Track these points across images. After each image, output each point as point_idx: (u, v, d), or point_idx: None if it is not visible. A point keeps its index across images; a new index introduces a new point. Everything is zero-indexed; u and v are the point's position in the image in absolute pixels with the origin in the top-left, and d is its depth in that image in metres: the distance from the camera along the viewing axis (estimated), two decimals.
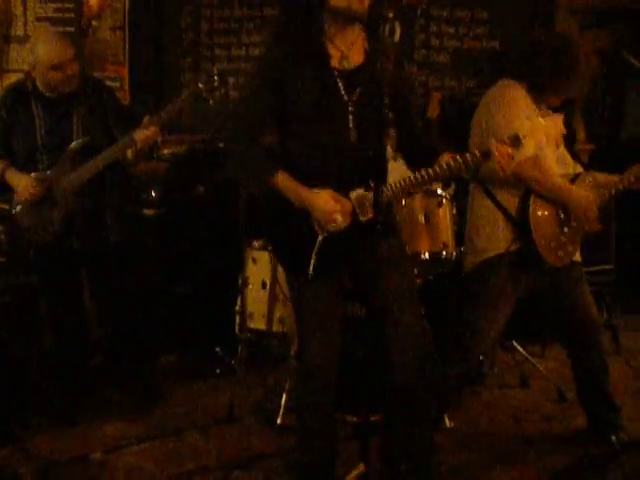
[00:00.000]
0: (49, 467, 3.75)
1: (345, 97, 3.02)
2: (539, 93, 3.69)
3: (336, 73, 3.02)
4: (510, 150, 2.91)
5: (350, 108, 3.02)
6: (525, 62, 3.70)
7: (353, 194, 3.01)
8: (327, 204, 2.97)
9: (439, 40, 6.13)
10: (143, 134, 4.03)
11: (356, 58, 3.06)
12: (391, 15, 2.84)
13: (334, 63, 3.03)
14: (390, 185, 3.01)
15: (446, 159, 2.99)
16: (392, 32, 2.88)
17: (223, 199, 5.47)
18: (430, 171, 2.97)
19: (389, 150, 3.17)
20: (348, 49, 3.03)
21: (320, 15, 3.00)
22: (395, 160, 3.54)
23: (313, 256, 3.02)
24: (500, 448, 3.96)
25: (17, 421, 4.10)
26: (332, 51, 3.03)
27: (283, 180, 3.03)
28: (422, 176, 2.98)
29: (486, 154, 2.92)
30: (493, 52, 6.15)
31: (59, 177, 4.16)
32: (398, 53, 3.13)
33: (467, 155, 2.94)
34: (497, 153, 2.90)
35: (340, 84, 3.02)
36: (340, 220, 2.98)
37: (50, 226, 4.18)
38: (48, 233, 4.19)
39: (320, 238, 3.02)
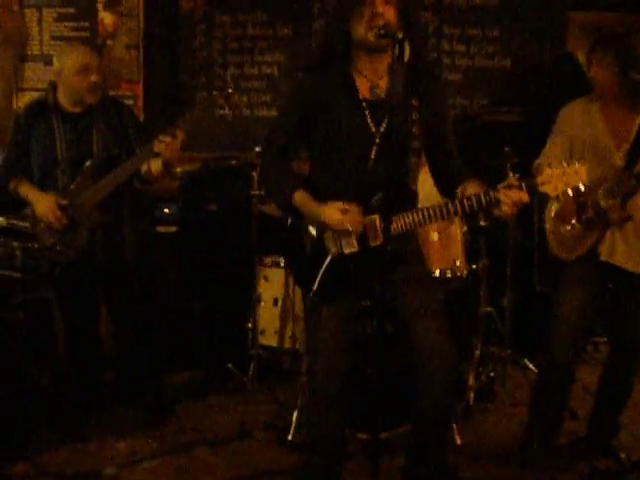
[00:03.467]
0: None
1: (373, 128, 3.08)
2: None
3: (364, 104, 3.08)
4: (524, 197, 2.86)
5: (377, 140, 3.07)
6: None
7: (367, 219, 3.06)
8: (335, 212, 3.03)
9: (450, 59, 6.15)
10: (163, 143, 4.03)
11: (386, 86, 3.09)
12: (400, 36, 2.86)
13: (363, 93, 3.10)
14: (402, 215, 3.04)
15: (466, 192, 3.01)
16: (402, 52, 2.90)
17: (235, 217, 5.52)
18: (443, 208, 2.99)
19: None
20: (379, 78, 3.08)
21: (349, 49, 3.09)
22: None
23: (319, 275, 3.09)
24: (510, 465, 3.95)
25: (30, 437, 4.12)
26: (361, 83, 3.10)
27: (300, 197, 3.12)
28: (434, 212, 3.01)
29: (496, 200, 2.89)
30: (504, 70, 6.17)
31: (80, 193, 4.18)
32: (435, 72, 3.21)
33: (481, 196, 2.92)
34: (507, 199, 2.87)
35: (368, 115, 3.08)
36: (349, 225, 3.03)
37: (74, 243, 4.21)
38: (72, 250, 4.21)
39: (329, 258, 3.07)
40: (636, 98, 3.65)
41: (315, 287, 3.10)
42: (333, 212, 3.05)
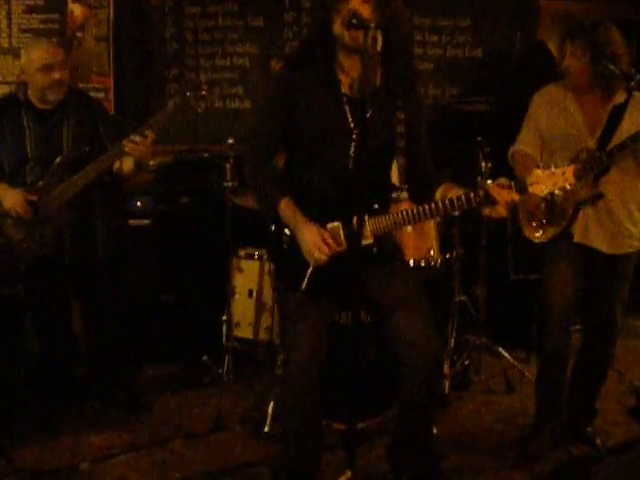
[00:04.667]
0: (36, 478, 3.74)
1: (351, 124, 3.06)
2: None
3: (345, 99, 3.08)
4: (515, 195, 2.88)
5: (354, 135, 3.05)
6: None
7: (356, 218, 3.04)
8: (311, 239, 3.04)
9: (422, 49, 6.16)
10: (132, 143, 4.01)
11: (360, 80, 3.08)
12: (372, 25, 2.86)
13: (345, 89, 3.09)
14: (378, 218, 3.04)
15: (451, 194, 2.98)
16: (374, 41, 2.90)
17: (209, 209, 5.50)
18: (432, 207, 2.97)
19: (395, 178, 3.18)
20: (359, 76, 3.07)
21: (332, 44, 3.06)
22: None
23: (307, 275, 3.08)
24: (486, 453, 3.98)
25: (3, 432, 4.10)
26: (343, 78, 3.09)
27: (285, 207, 3.10)
28: (423, 211, 2.99)
29: (489, 197, 2.88)
30: (476, 60, 6.19)
31: (49, 190, 4.15)
32: (416, 78, 3.21)
33: (471, 194, 2.91)
34: (499, 198, 2.87)
35: (348, 110, 3.07)
36: (318, 258, 3.03)
37: (42, 239, 4.17)
38: (40, 246, 4.18)
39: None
40: (608, 86, 3.68)
41: (304, 285, 3.09)
42: (309, 236, 3.04)
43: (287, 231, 3.14)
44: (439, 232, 4.67)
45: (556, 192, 2.87)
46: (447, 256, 4.80)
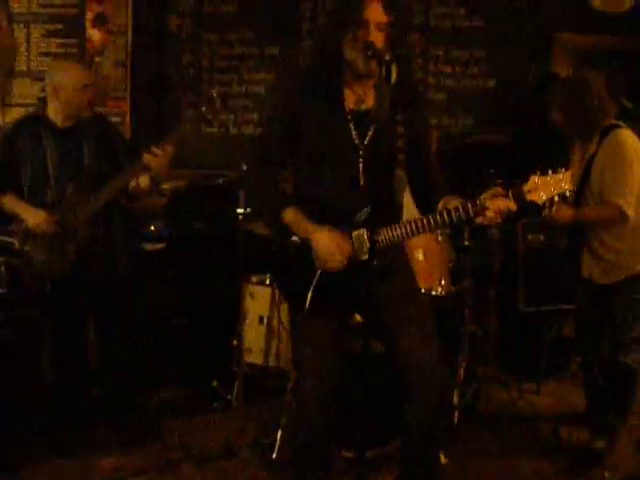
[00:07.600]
0: None
1: (356, 140, 3.10)
2: None
3: (349, 116, 3.11)
4: (511, 205, 2.89)
5: (361, 152, 3.09)
6: None
7: (355, 232, 3.06)
8: (330, 244, 3.04)
9: (436, 79, 6.21)
10: (151, 155, 4.05)
11: (372, 101, 3.13)
12: (387, 57, 2.89)
13: (349, 105, 3.12)
14: (390, 228, 3.05)
15: (449, 205, 3.00)
16: (389, 73, 2.93)
17: (222, 235, 5.52)
18: (430, 219, 2.98)
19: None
20: (365, 93, 3.12)
21: (339, 63, 3.10)
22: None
23: (310, 291, 3.08)
24: None
25: (15, 453, 4.10)
26: (349, 94, 3.13)
27: (292, 214, 3.11)
28: (420, 224, 3.00)
29: (483, 208, 2.89)
30: (489, 91, 6.23)
31: (70, 208, 4.19)
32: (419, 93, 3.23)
33: (468, 205, 2.92)
34: (490, 207, 2.88)
35: (352, 127, 3.10)
36: (339, 260, 3.03)
37: (64, 258, 4.20)
38: (64, 265, 4.21)
39: (318, 273, 3.08)
40: (586, 135, 3.91)
41: (307, 304, 3.09)
42: (327, 241, 3.05)
43: (295, 238, 3.14)
44: (450, 262, 4.68)
45: (556, 199, 2.86)
46: (458, 287, 4.81)
